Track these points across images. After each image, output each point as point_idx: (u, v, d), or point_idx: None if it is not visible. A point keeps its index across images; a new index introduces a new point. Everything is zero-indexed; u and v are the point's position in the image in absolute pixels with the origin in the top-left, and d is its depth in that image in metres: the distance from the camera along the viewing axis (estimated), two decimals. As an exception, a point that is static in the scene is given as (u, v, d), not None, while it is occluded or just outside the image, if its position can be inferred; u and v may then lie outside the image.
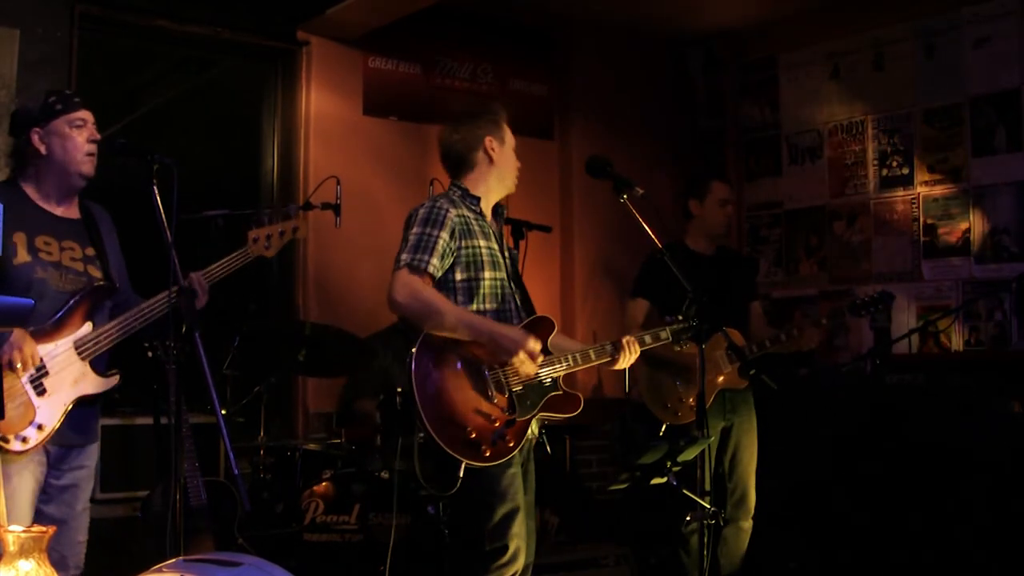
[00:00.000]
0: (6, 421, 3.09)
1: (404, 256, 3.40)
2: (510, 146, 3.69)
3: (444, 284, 3.46)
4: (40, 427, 3.20)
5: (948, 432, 5.12)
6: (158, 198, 3.17)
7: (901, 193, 6.10)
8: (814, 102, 6.54)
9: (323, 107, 5.93)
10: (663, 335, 3.72)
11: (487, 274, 3.50)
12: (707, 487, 3.77)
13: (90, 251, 3.46)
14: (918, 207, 6.02)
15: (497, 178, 3.65)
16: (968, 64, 5.82)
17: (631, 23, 6.64)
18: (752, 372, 3.87)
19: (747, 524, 4.83)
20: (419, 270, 3.37)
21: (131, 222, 3.62)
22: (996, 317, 5.65)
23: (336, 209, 4.80)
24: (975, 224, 5.77)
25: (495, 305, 3.50)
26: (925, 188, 5.99)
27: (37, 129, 3.34)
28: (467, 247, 3.48)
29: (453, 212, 3.48)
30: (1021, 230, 5.60)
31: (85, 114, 3.39)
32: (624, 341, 3.62)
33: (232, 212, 4.58)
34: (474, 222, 3.54)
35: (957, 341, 5.77)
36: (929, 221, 5.96)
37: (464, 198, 3.59)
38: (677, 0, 6.37)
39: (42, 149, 3.33)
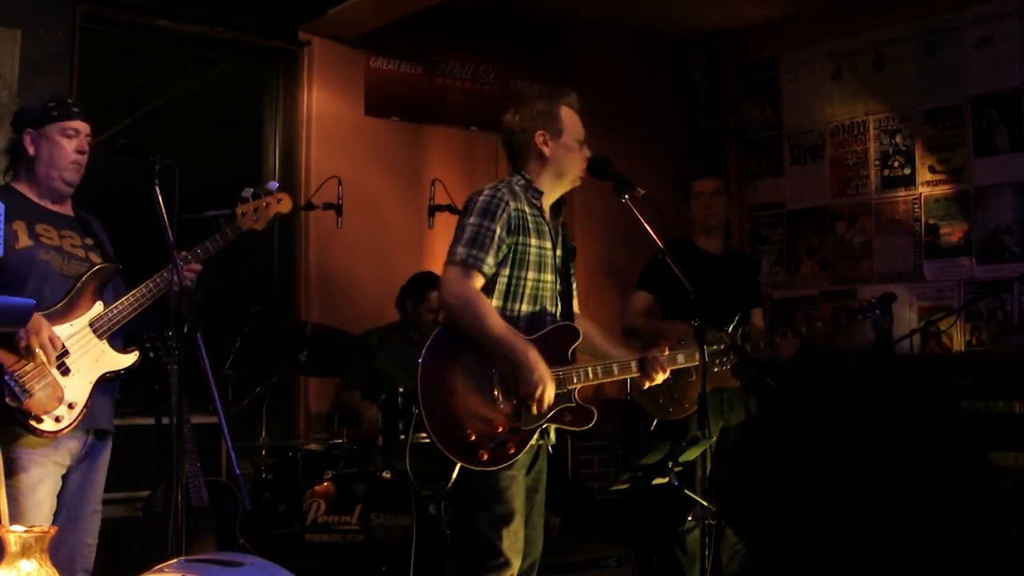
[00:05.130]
0: (37, 402, 3.15)
1: (460, 250, 3.29)
2: (571, 137, 3.49)
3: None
4: (71, 405, 3.25)
5: (947, 431, 5.11)
6: (159, 198, 3.18)
7: (903, 193, 6.09)
8: (815, 102, 6.54)
9: (324, 107, 5.93)
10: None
11: (530, 275, 3.39)
12: (705, 486, 3.76)
13: (89, 240, 3.52)
14: (920, 207, 6.01)
15: (553, 174, 3.50)
16: (969, 64, 5.82)
17: (632, 23, 6.63)
18: (753, 372, 3.87)
19: (748, 523, 4.82)
20: (472, 268, 3.28)
21: (132, 222, 3.63)
22: (998, 317, 5.64)
23: (338, 209, 4.80)
24: (976, 224, 5.76)
25: (530, 307, 3.39)
26: (927, 188, 5.99)
27: (31, 130, 3.41)
28: (519, 244, 3.36)
29: (512, 205, 3.35)
30: (1022, 230, 5.60)
31: (79, 124, 3.43)
32: (655, 361, 3.49)
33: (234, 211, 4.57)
34: (531, 218, 3.41)
35: (959, 341, 5.77)
36: (931, 221, 5.96)
37: (527, 189, 3.46)
38: (679, 0, 6.37)
39: (31, 150, 3.41)
